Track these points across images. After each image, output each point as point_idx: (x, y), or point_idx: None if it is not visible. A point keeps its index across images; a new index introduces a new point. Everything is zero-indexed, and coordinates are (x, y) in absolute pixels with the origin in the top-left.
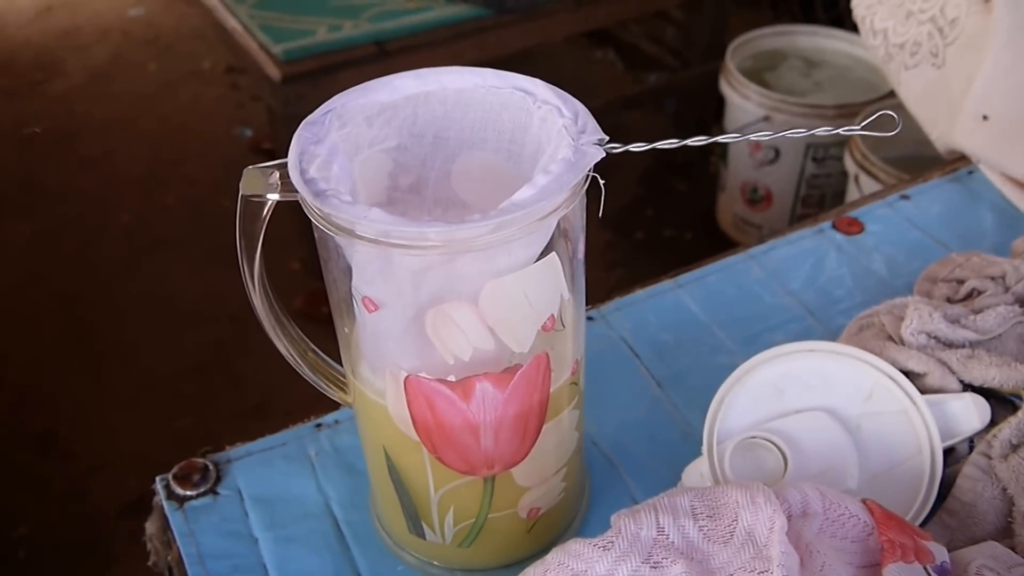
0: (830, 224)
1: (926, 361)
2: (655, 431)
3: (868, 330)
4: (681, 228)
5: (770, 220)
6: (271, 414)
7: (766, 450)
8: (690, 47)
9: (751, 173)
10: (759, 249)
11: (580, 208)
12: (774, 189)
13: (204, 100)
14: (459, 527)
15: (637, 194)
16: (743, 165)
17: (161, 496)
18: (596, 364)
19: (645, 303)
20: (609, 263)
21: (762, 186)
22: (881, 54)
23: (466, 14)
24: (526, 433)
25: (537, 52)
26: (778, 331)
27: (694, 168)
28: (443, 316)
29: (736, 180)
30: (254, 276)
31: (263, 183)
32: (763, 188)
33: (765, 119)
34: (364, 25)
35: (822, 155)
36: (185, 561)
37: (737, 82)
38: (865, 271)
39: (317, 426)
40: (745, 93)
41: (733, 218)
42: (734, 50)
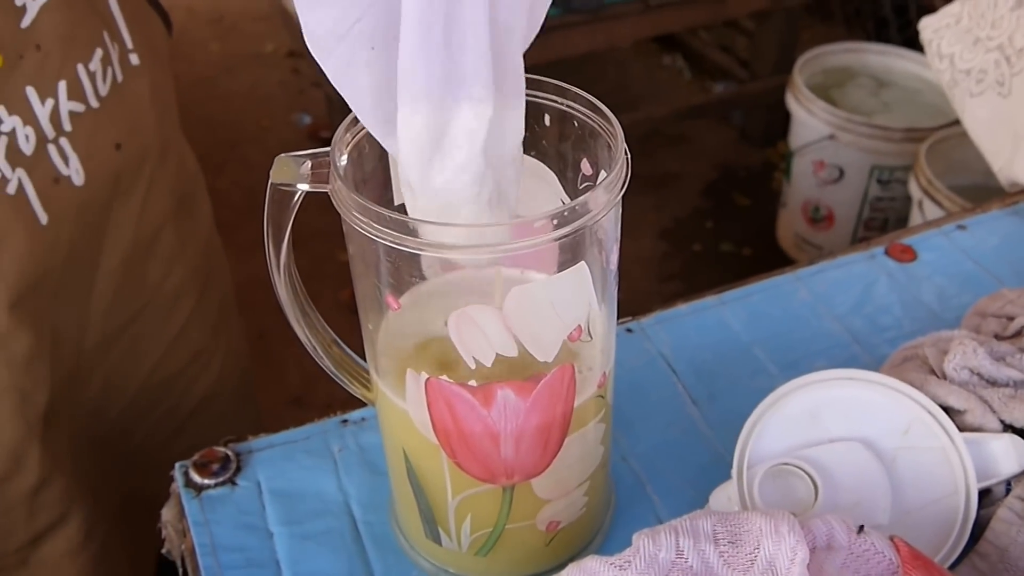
0: (883, 250)
1: (967, 398)
2: (686, 450)
3: (911, 362)
4: (740, 243)
5: (831, 241)
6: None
7: (797, 478)
8: (759, 58)
9: (814, 191)
10: (808, 271)
11: (614, 217)
12: (837, 210)
13: (265, 84)
14: (476, 535)
15: (698, 206)
16: (806, 183)
17: (179, 483)
18: (632, 378)
19: (687, 319)
20: (664, 275)
21: (824, 205)
22: (947, 79)
23: None
24: (548, 444)
25: (604, 55)
26: (820, 357)
27: (758, 183)
28: (466, 319)
29: (799, 198)
30: (280, 265)
31: (294, 172)
32: (825, 208)
33: (830, 137)
34: None
35: (887, 177)
36: (197, 551)
37: (804, 97)
38: (915, 301)
39: (343, 422)
40: (811, 109)
41: (794, 237)
42: (803, 64)
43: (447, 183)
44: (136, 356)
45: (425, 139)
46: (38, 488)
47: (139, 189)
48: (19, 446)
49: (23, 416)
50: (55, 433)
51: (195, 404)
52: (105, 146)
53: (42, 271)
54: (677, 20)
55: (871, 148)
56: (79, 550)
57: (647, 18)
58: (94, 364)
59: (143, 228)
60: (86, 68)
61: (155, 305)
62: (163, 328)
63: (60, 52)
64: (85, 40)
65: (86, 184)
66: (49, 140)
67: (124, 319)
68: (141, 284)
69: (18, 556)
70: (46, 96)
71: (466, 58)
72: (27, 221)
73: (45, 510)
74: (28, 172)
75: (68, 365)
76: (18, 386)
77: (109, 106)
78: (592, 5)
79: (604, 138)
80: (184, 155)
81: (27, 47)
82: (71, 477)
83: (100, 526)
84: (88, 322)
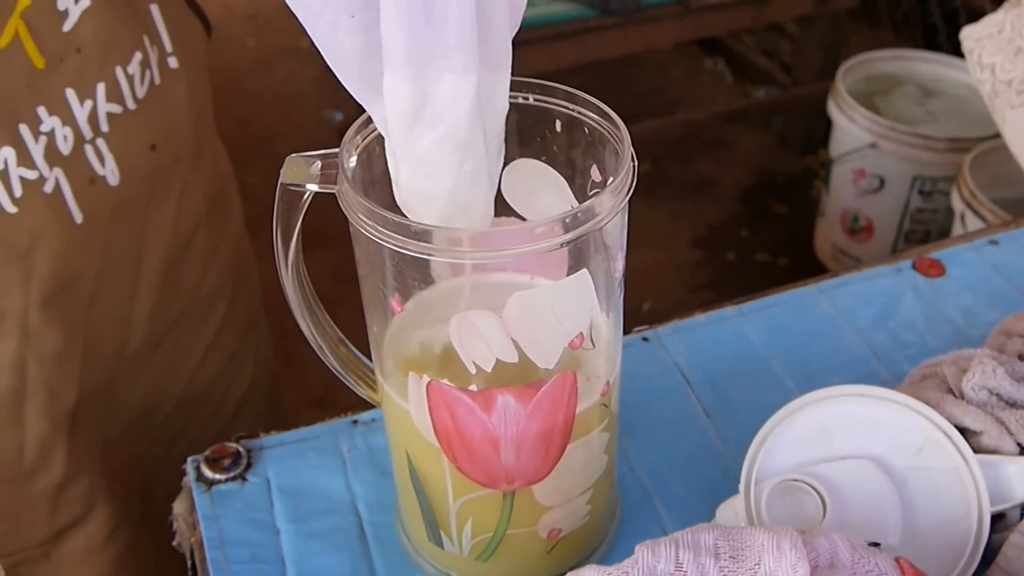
0: (910, 264)
1: (984, 419)
2: (697, 463)
3: (930, 380)
4: (776, 253)
5: (870, 253)
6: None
7: (806, 494)
8: (802, 63)
9: (853, 201)
10: (831, 283)
11: (620, 224)
12: (876, 220)
13: (298, 79)
14: (477, 540)
15: (734, 213)
16: (845, 192)
17: (191, 477)
18: (645, 387)
19: (704, 329)
20: (696, 284)
21: (864, 216)
22: (988, 89)
23: (570, 13)
24: (549, 451)
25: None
26: (839, 372)
27: (796, 191)
28: (467, 324)
29: (837, 207)
30: (288, 264)
31: (304, 173)
32: (864, 218)
33: (871, 146)
34: None
35: (929, 188)
36: (205, 544)
37: (845, 104)
38: (940, 317)
39: (353, 422)
40: (853, 117)
41: (831, 247)
42: (846, 71)
43: (428, 152)
44: (178, 362)
45: (407, 107)
46: (62, 485)
47: (174, 190)
48: (45, 442)
49: (50, 413)
50: (82, 432)
51: (233, 408)
52: (140, 147)
53: (76, 270)
54: (717, 24)
55: (913, 158)
56: (101, 548)
57: (686, 21)
58: (136, 371)
59: (179, 230)
60: (124, 71)
61: (193, 309)
62: (201, 332)
63: (100, 55)
64: (124, 44)
65: (121, 184)
66: (86, 141)
67: (165, 325)
68: (179, 288)
69: (41, 550)
70: (85, 98)
71: (449, 30)
72: (62, 220)
73: (68, 507)
74: (65, 172)
75: (106, 369)
76: (47, 383)
77: (146, 108)
78: (630, 7)
79: (613, 144)
80: (218, 157)
81: (68, 50)
82: (96, 477)
83: (125, 527)
84: (131, 328)
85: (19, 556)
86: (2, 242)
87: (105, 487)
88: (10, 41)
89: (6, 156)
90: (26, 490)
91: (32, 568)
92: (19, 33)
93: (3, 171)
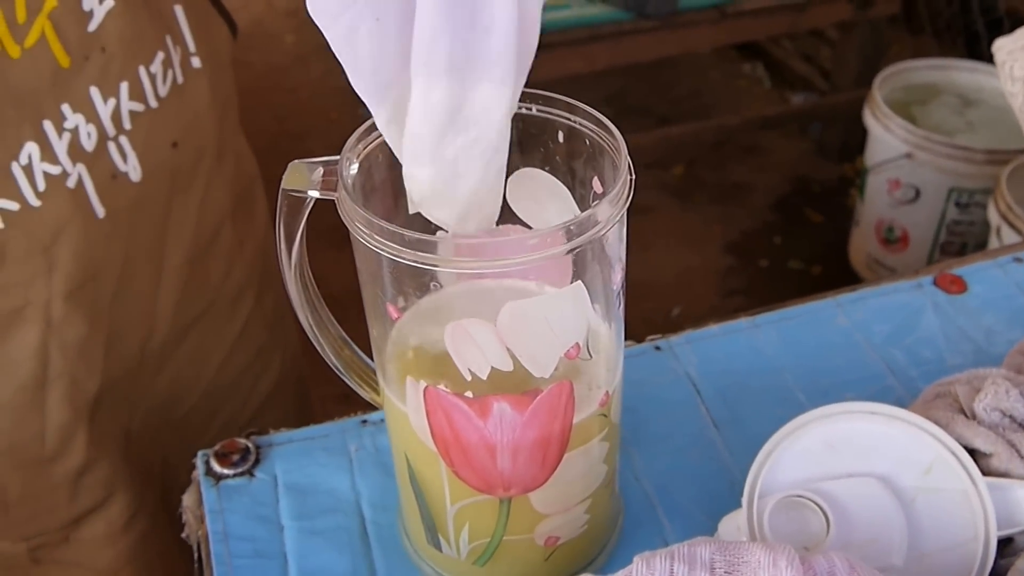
0: (931, 279)
1: (995, 441)
2: (703, 474)
3: (942, 399)
4: (809, 261)
5: (905, 264)
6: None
7: (810, 511)
8: (841, 70)
9: (888, 211)
10: (848, 297)
11: (618, 235)
12: (911, 231)
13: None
14: (474, 544)
15: (768, 220)
16: (880, 201)
17: (200, 471)
18: (654, 396)
19: (717, 339)
20: (728, 289)
21: (899, 226)
22: (1019, 103)
23: (605, 15)
24: (546, 459)
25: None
26: (852, 388)
27: (832, 199)
28: (461, 331)
29: (872, 216)
30: (291, 266)
31: (306, 179)
32: (900, 228)
33: (907, 156)
34: None
35: (966, 200)
36: (210, 538)
37: (881, 113)
38: (960, 335)
39: (363, 422)
40: (888, 126)
41: (866, 257)
42: (884, 79)
43: (458, 156)
44: (202, 356)
45: (441, 113)
46: (82, 470)
47: (197, 187)
48: (66, 429)
49: (71, 401)
50: (104, 420)
51: (260, 402)
52: (162, 144)
53: (99, 264)
54: (754, 28)
55: (950, 169)
56: (119, 535)
57: (723, 26)
58: (161, 363)
59: (203, 226)
60: (147, 70)
61: (218, 304)
62: (226, 327)
63: (123, 55)
64: (148, 44)
65: (143, 180)
66: (109, 138)
67: (190, 318)
68: (204, 283)
69: (60, 534)
70: (108, 96)
71: (493, 40)
72: (85, 214)
73: (88, 492)
74: (88, 168)
75: (129, 360)
76: (70, 372)
77: (168, 106)
78: (666, 11)
79: (611, 155)
80: (242, 155)
81: (92, 49)
82: (117, 464)
83: (143, 515)
84: (155, 321)
85: (40, 539)
86: (26, 234)
87: (125, 474)
88: (37, 40)
89: (30, 152)
90: (47, 475)
91: (52, 551)
92: (46, 33)
93: (27, 166)
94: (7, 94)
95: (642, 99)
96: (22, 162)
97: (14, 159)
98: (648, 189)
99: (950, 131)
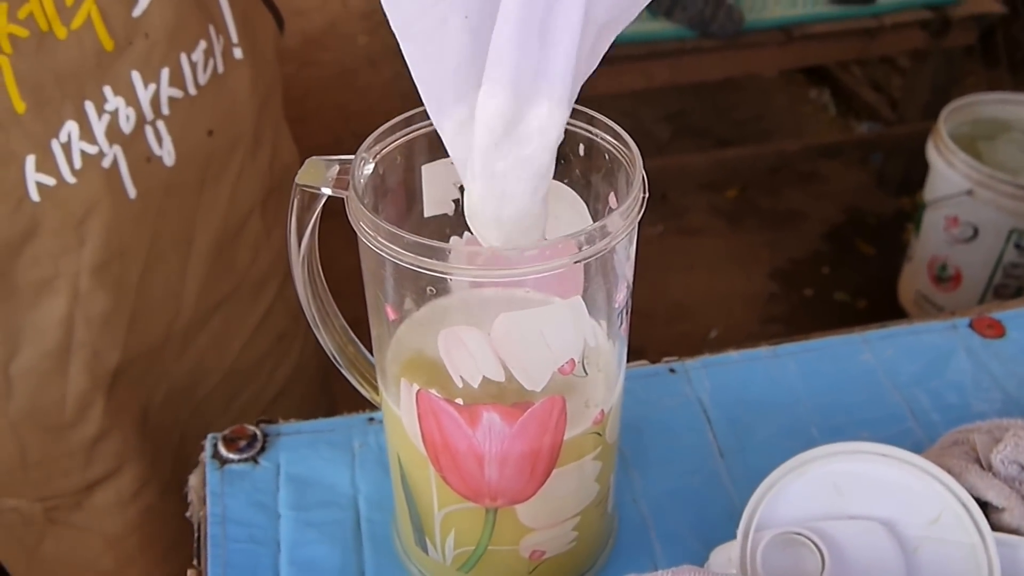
0: (967, 322)
1: (1008, 495)
2: (702, 502)
3: (960, 447)
4: (856, 294)
5: (955, 303)
6: None
7: (807, 550)
8: (910, 100)
9: (943, 248)
10: (877, 334)
11: (625, 255)
12: (965, 271)
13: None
14: (459, 551)
15: (818, 249)
16: (936, 238)
17: (207, 453)
18: (662, 419)
19: (735, 366)
20: (768, 316)
21: (953, 264)
22: None
23: (668, 32)
24: (534, 473)
25: (746, 81)
26: (869, 427)
27: (887, 232)
28: (455, 338)
29: (925, 253)
30: (300, 262)
31: (321, 176)
32: (953, 267)
33: (968, 193)
34: None
35: None
36: (208, 520)
37: (945, 147)
38: (991, 381)
39: (370, 420)
40: (951, 160)
41: (915, 294)
42: (951, 112)
43: (508, 172)
44: (224, 339)
45: (498, 124)
46: (97, 439)
47: (229, 175)
48: (85, 397)
49: (91, 371)
50: (121, 394)
51: (278, 389)
52: (198, 131)
53: (128, 242)
54: (821, 53)
55: (1012, 209)
56: (128, 503)
57: (788, 48)
58: (184, 344)
59: (233, 214)
60: (189, 58)
61: (242, 290)
62: (249, 312)
63: (166, 42)
64: (191, 32)
65: (176, 165)
66: (147, 121)
67: (214, 302)
68: (230, 268)
69: (74, 498)
70: (149, 81)
71: (557, 57)
72: (117, 193)
73: (101, 460)
74: (124, 149)
75: (153, 338)
76: (92, 343)
77: (206, 95)
78: (730, 32)
79: (627, 170)
80: (280, 147)
81: (136, 34)
82: (131, 436)
83: (153, 488)
84: (181, 303)
85: (55, 501)
86: (60, 209)
87: (139, 448)
88: (83, 23)
89: (70, 130)
90: (65, 440)
91: (66, 514)
92: (92, 16)
93: (66, 144)
94: (52, 73)
95: (703, 120)
96: (61, 140)
97: (54, 136)
98: (699, 211)
99: (1014, 170)
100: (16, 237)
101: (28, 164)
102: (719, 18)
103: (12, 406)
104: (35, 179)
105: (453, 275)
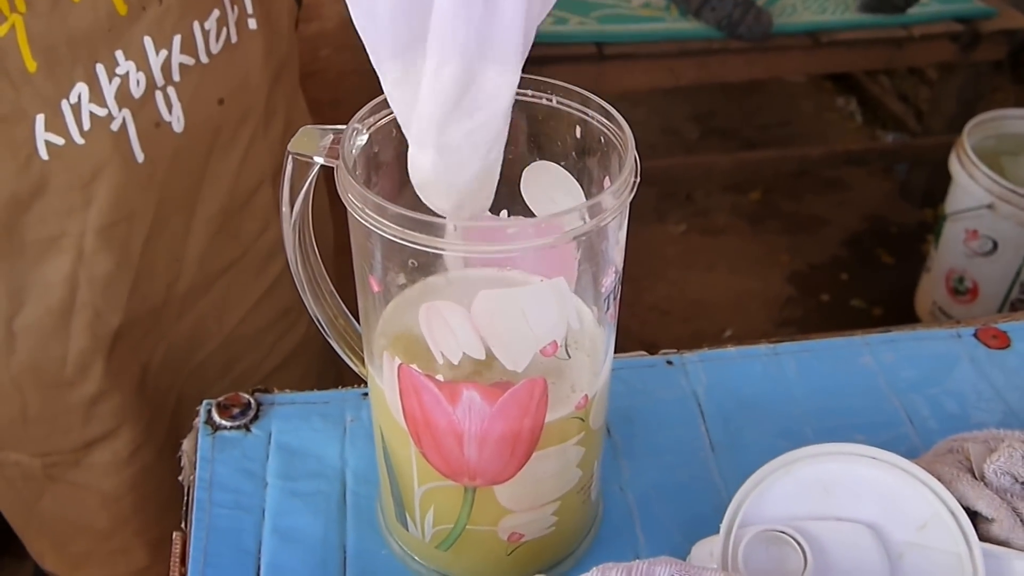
0: (972, 331)
1: (999, 506)
2: (689, 495)
3: (953, 455)
4: (872, 302)
5: (970, 316)
6: None
7: (790, 548)
8: (936, 112)
9: (961, 261)
10: (878, 338)
11: (614, 240)
12: (983, 284)
13: None
14: (438, 528)
15: (837, 255)
16: (955, 250)
17: (201, 418)
18: (655, 410)
19: (733, 362)
20: (783, 319)
21: (970, 277)
22: None
23: (697, 32)
24: (513, 454)
25: (774, 86)
26: (864, 430)
27: (907, 243)
28: (436, 313)
29: (944, 265)
30: (292, 231)
31: (314, 145)
32: (971, 280)
33: (989, 207)
34: (591, 23)
35: None
36: (196, 484)
37: (967, 160)
38: (993, 392)
39: (364, 394)
40: (973, 174)
41: (931, 305)
42: (975, 125)
43: (463, 139)
44: (226, 306)
45: (450, 93)
46: (96, 398)
47: (239, 146)
48: (85, 356)
49: (93, 331)
50: (121, 354)
51: (279, 361)
52: (208, 99)
53: (134, 205)
54: (848, 60)
55: None
56: (124, 464)
57: (815, 54)
58: (184, 307)
59: (241, 183)
60: (202, 26)
61: (248, 259)
62: (254, 282)
63: (180, 9)
64: (205, 1)
65: (185, 132)
66: (158, 87)
67: (217, 268)
68: (236, 237)
69: (72, 456)
70: (161, 47)
71: (503, 23)
72: (124, 157)
73: (99, 420)
74: (133, 114)
75: (154, 300)
76: (94, 303)
77: (219, 63)
78: (758, 35)
79: (620, 151)
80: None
81: (150, 1)
82: (129, 397)
83: (149, 449)
84: (182, 267)
85: (54, 458)
86: (67, 169)
87: (137, 409)
88: None
89: (80, 92)
90: (65, 398)
91: (64, 471)
92: None
93: (76, 105)
94: (64, 35)
95: (730, 121)
96: (72, 100)
97: (64, 97)
98: (722, 211)
99: None
100: (25, 193)
101: (38, 122)
102: (748, 20)
103: (14, 361)
104: (44, 138)
105: (437, 248)
